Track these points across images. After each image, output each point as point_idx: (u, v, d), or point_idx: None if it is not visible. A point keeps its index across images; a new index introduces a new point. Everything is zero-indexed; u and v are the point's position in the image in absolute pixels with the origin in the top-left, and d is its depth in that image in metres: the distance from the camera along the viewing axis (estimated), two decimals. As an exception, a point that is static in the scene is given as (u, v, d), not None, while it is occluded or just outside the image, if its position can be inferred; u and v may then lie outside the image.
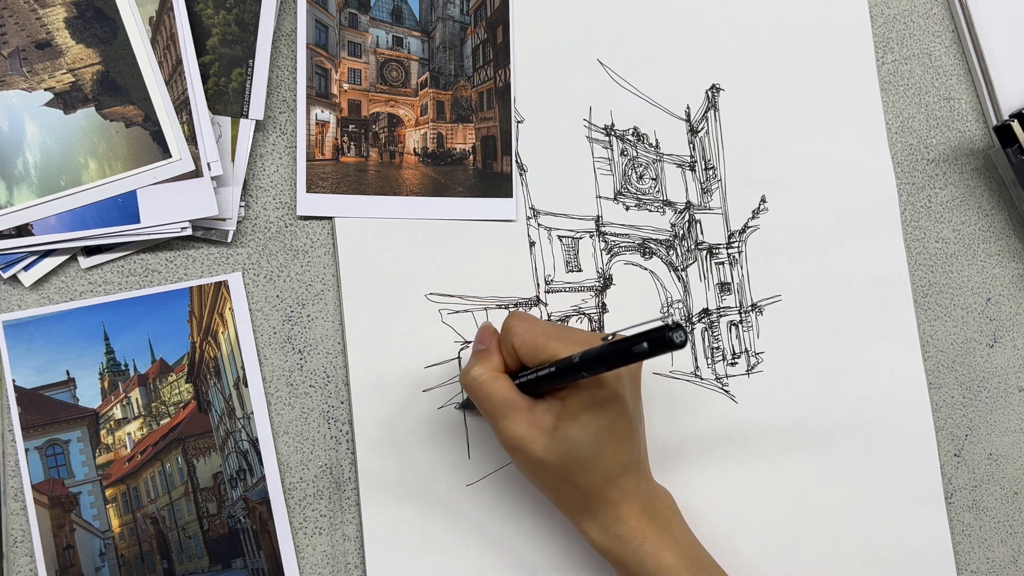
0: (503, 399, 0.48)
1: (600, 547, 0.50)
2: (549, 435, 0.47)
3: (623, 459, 0.48)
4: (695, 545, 0.51)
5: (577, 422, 0.47)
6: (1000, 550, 0.65)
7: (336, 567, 0.54)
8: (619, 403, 0.48)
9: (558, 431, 0.47)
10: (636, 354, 0.41)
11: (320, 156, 0.56)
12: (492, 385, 0.48)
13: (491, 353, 0.50)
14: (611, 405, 0.47)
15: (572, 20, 0.61)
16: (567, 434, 0.47)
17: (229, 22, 0.55)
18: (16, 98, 0.51)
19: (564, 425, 0.47)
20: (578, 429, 0.47)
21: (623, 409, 0.48)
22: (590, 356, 0.44)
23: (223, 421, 0.53)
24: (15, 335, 0.52)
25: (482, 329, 0.51)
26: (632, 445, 0.49)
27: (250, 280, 0.55)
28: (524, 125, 0.59)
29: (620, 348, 0.42)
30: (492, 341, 0.50)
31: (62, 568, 0.51)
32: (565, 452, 0.47)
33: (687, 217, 0.62)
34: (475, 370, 0.49)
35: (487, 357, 0.49)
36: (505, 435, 0.48)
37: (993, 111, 0.67)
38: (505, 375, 0.49)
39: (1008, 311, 0.67)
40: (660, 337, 0.40)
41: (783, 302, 0.62)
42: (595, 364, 0.44)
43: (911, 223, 0.66)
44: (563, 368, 0.46)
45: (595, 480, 0.48)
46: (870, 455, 0.62)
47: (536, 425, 0.47)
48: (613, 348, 0.43)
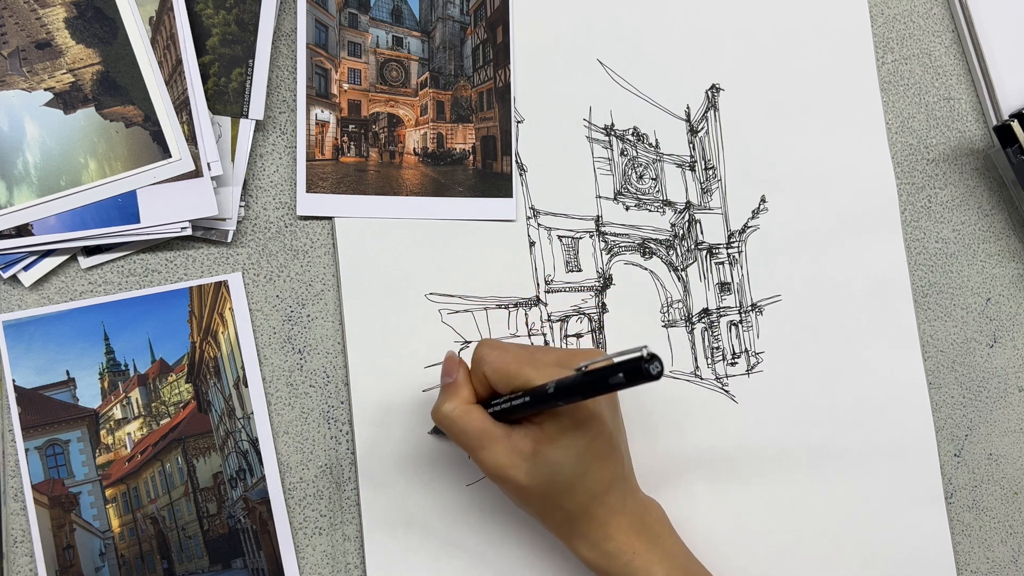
0: (478, 430, 0.47)
1: (592, 565, 0.50)
2: (530, 460, 0.47)
3: (607, 477, 0.48)
4: (686, 556, 0.51)
5: (556, 445, 0.47)
6: (1000, 550, 0.65)
7: (336, 567, 0.54)
8: (597, 422, 0.47)
9: (538, 456, 0.47)
10: (612, 385, 0.41)
11: (320, 156, 0.56)
12: (465, 419, 0.48)
13: (459, 386, 0.49)
14: (589, 425, 0.47)
15: (572, 20, 0.61)
16: (547, 458, 0.47)
17: (229, 22, 0.55)
18: (16, 98, 0.51)
19: (543, 449, 0.47)
20: (558, 452, 0.47)
21: (602, 428, 0.48)
22: (564, 386, 0.44)
23: (223, 421, 0.53)
24: (15, 335, 0.52)
25: (447, 361, 0.50)
26: (615, 462, 0.49)
27: (250, 280, 0.55)
28: (524, 125, 0.59)
29: (595, 379, 0.42)
30: (459, 372, 0.50)
31: (62, 568, 0.51)
32: (547, 476, 0.47)
33: (687, 217, 0.62)
34: (446, 406, 0.48)
35: (455, 391, 0.49)
36: (486, 465, 0.48)
37: (993, 111, 0.67)
38: (477, 406, 0.49)
39: (1008, 311, 0.67)
40: (636, 368, 0.40)
41: (783, 302, 0.62)
42: (570, 394, 0.44)
43: (911, 223, 0.66)
44: (537, 397, 0.45)
45: (580, 500, 0.48)
46: (870, 455, 0.62)
47: (515, 452, 0.47)
48: (588, 378, 0.42)
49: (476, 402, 0.49)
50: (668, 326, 0.60)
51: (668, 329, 0.60)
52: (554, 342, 0.58)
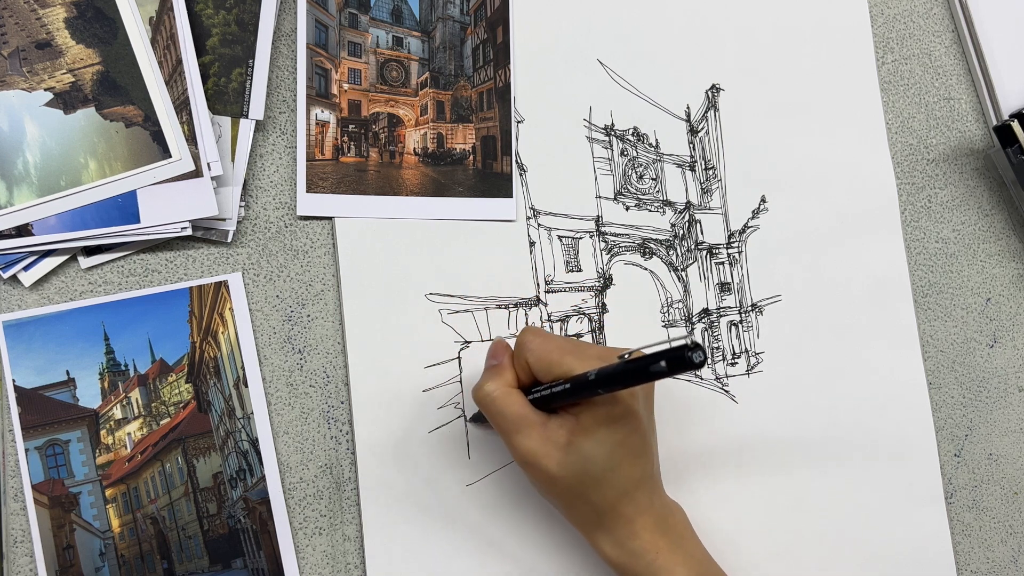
0: (516, 414, 0.48)
1: (613, 562, 0.50)
2: (563, 450, 0.47)
3: (637, 474, 0.48)
4: (708, 560, 0.51)
5: (591, 438, 0.47)
6: (1000, 550, 0.65)
7: (336, 567, 0.54)
8: (634, 419, 0.48)
9: (572, 446, 0.47)
10: (653, 373, 0.41)
11: (320, 156, 0.56)
12: (505, 400, 0.48)
13: (504, 368, 0.49)
14: (625, 421, 0.47)
15: (572, 20, 0.61)
16: (581, 450, 0.47)
17: (229, 22, 0.55)
18: (16, 98, 0.51)
19: (578, 440, 0.47)
20: (592, 445, 0.47)
21: (637, 425, 0.48)
22: (606, 373, 0.44)
23: (223, 421, 0.53)
24: (15, 335, 0.52)
25: (495, 345, 0.51)
26: (646, 460, 0.49)
27: (250, 280, 0.55)
28: (524, 125, 0.59)
29: (637, 367, 0.42)
30: (505, 356, 0.50)
31: (62, 568, 0.51)
32: (579, 467, 0.47)
33: (687, 217, 0.62)
34: (488, 385, 0.49)
35: (499, 373, 0.49)
36: (519, 450, 0.48)
37: (993, 111, 0.67)
38: (518, 391, 0.49)
39: (1008, 311, 0.67)
40: (679, 357, 0.40)
41: (783, 302, 0.62)
42: (611, 382, 0.44)
43: (911, 223, 0.66)
44: (578, 385, 0.46)
45: (609, 495, 0.48)
46: (870, 455, 0.62)
47: (550, 440, 0.47)
48: (630, 366, 0.42)
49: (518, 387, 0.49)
50: (668, 326, 0.60)
51: (668, 329, 0.60)
52: (554, 342, 0.58)
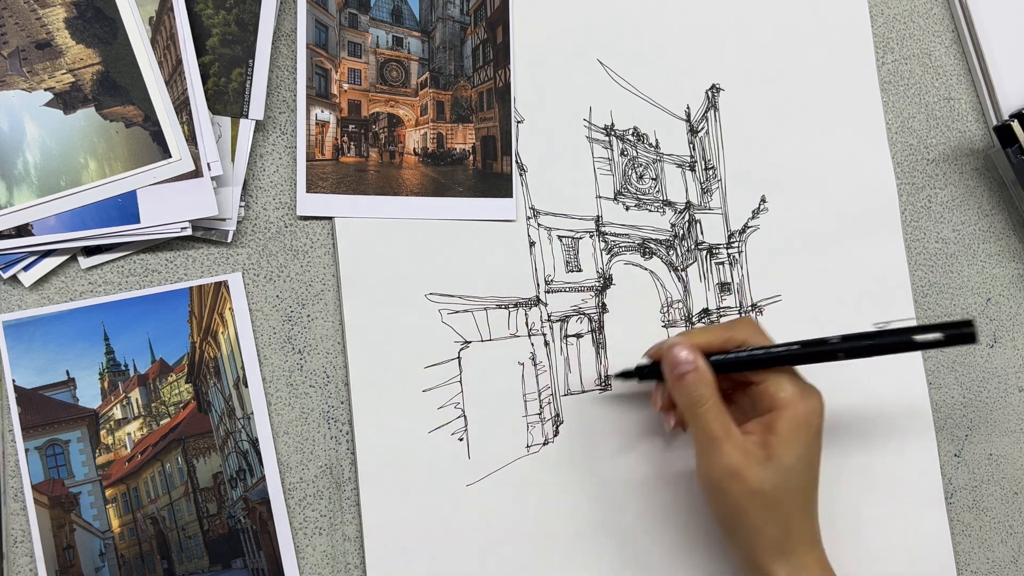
0: (725, 424, 0.48)
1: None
2: (763, 464, 0.47)
3: (816, 498, 0.49)
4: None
5: (792, 450, 0.47)
6: (1000, 550, 0.65)
7: (336, 567, 0.54)
8: (819, 439, 0.48)
9: (773, 459, 0.47)
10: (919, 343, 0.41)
11: (320, 156, 0.56)
12: (716, 409, 0.49)
13: (703, 372, 0.49)
14: (816, 439, 0.48)
15: (572, 20, 0.61)
16: (783, 461, 0.47)
17: (229, 22, 0.55)
18: (16, 98, 0.51)
19: (780, 452, 0.47)
20: (793, 457, 0.47)
21: (820, 446, 0.48)
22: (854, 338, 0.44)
23: (223, 421, 0.53)
24: (15, 335, 0.52)
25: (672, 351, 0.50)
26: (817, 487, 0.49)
27: (250, 280, 0.55)
28: (524, 125, 0.59)
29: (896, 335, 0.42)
30: (698, 359, 0.49)
31: (62, 568, 0.51)
32: (778, 481, 0.47)
33: (687, 217, 0.62)
34: (703, 394, 0.49)
35: (702, 375, 0.49)
36: (727, 458, 0.48)
37: (993, 111, 0.67)
38: (722, 401, 0.49)
39: (1008, 311, 0.67)
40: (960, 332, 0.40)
41: (783, 302, 0.62)
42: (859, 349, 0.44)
43: (911, 223, 0.66)
44: (813, 346, 0.46)
45: (801, 516, 0.48)
46: (870, 455, 0.62)
47: (750, 454, 0.48)
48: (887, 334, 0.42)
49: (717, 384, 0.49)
50: (668, 326, 0.60)
51: (668, 329, 0.60)
52: (554, 342, 0.58)
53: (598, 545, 0.56)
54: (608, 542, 0.57)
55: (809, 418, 0.48)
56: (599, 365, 0.59)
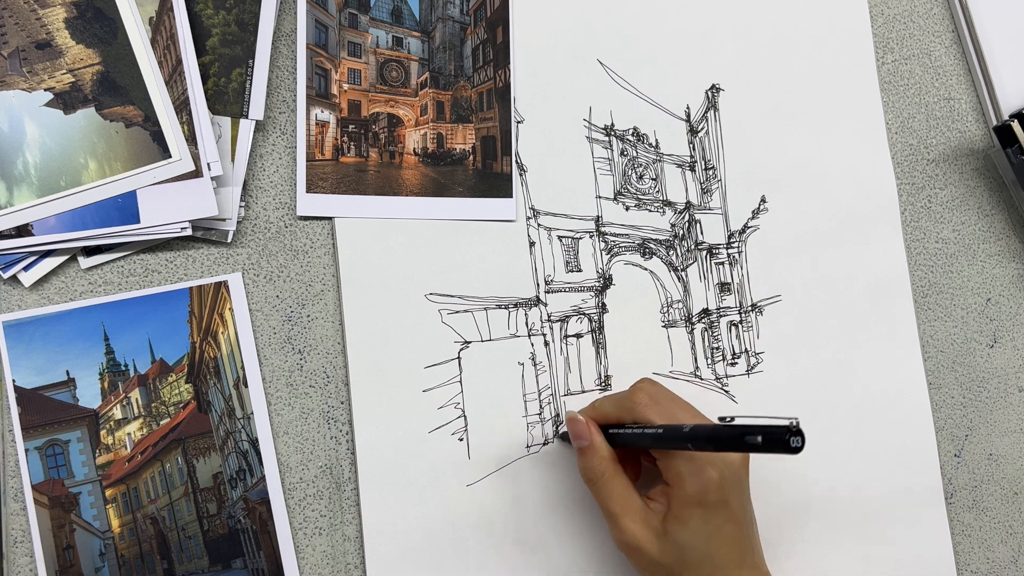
0: (622, 498, 0.49)
1: None
2: (661, 538, 0.48)
3: (735, 561, 0.49)
4: None
5: (686, 528, 0.48)
6: (1000, 550, 0.65)
7: (336, 567, 0.54)
8: (725, 508, 0.48)
9: (668, 535, 0.48)
10: (748, 444, 0.41)
11: (320, 156, 0.56)
12: (611, 484, 0.50)
13: (597, 446, 0.50)
14: (717, 511, 0.48)
15: (572, 20, 0.61)
16: (677, 539, 0.48)
17: (229, 22, 0.55)
18: (16, 98, 0.51)
19: (674, 529, 0.48)
20: (687, 535, 0.47)
21: (730, 515, 0.48)
22: (701, 431, 0.44)
23: (223, 421, 0.53)
24: (15, 335, 0.52)
25: (573, 423, 0.52)
26: (744, 548, 0.49)
27: (250, 280, 0.55)
28: (524, 125, 0.59)
29: (733, 433, 0.42)
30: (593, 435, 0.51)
31: (62, 568, 0.51)
32: (677, 556, 0.48)
33: (687, 217, 0.62)
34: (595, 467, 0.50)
35: (595, 450, 0.50)
36: (623, 534, 0.49)
37: (993, 111, 0.67)
38: (622, 472, 0.50)
39: (1008, 311, 0.67)
40: (779, 438, 0.39)
41: (783, 302, 0.62)
42: (703, 441, 0.44)
43: (911, 223, 0.66)
44: (671, 433, 0.46)
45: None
46: (870, 455, 0.62)
47: (650, 526, 0.48)
48: (725, 431, 0.43)
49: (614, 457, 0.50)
50: (668, 326, 0.60)
51: (668, 329, 0.60)
52: (554, 342, 0.58)
53: (597, 546, 0.56)
54: (608, 542, 0.56)
55: (702, 495, 0.47)
56: (599, 365, 0.59)
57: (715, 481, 0.47)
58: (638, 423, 0.49)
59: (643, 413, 0.49)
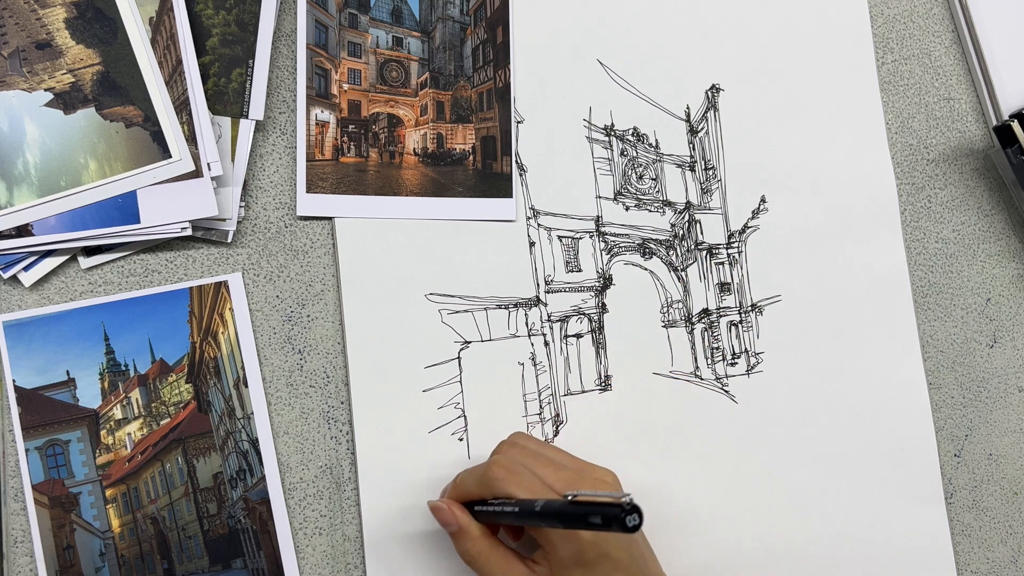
0: (504, 571, 0.48)
1: None
2: None
3: None
4: None
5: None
6: (1000, 550, 0.65)
7: (336, 567, 0.54)
8: (607, 561, 0.47)
9: None
10: (590, 524, 0.41)
11: (320, 156, 0.56)
12: (491, 559, 0.49)
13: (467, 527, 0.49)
14: (598, 566, 0.47)
15: (572, 20, 0.61)
16: None
17: (229, 22, 0.55)
18: (16, 98, 0.51)
19: None
20: None
21: (614, 565, 0.47)
22: (551, 508, 0.44)
23: (223, 421, 0.53)
24: (15, 335, 0.52)
25: (437, 511, 0.51)
26: None
27: (250, 280, 0.55)
28: (524, 125, 0.59)
29: (576, 512, 0.42)
30: (458, 517, 0.50)
31: (62, 568, 0.51)
32: None
33: (687, 217, 0.62)
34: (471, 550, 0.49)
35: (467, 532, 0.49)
36: None
37: (993, 111, 0.67)
38: (497, 543, 0.49)
39: (1008, 311, 0.67)
40: (615, 516, 0.40)
41: (783, 302, 0.62)
42: (552, 518, 0.44)
43: (911, 223, 0.66)
44: (525, 510, 0.46)
45: None
46: (870, 455, 0.62)
47: None
48: (569, 509, 0.42)
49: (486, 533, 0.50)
50: (668, 326, 0.60)
51: (668, 329, 0.60)
52: (554, 342, 0.58)
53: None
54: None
55: (578, 556, 0.47)
56: (599, 365, 0.59)
57: (588, 540, 0.47)
58: (498, 499, 0.48)
59: (501, 488, 0.48)
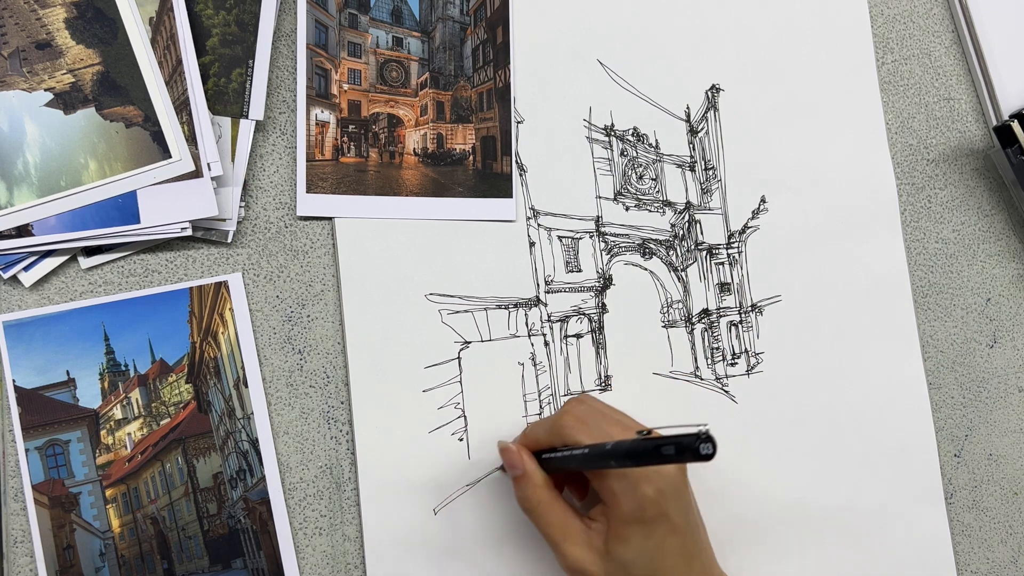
0: (561, 523, 0.49)
1: None
2: (604, 557, 0.48)
3: (681, 571, 0.48)
4: None
5: (628, 546, 0.47)
6: (1000, 550, 0.65)
7: (336, 567, 0.54)
8: (666, 521, 0.47)
9: (611, 555, 0.47)
10: (663, 456, 0.41)
11: (320, 156, 0.56)
12: (550, 512, 0.49)
13: (532, 473, 0.50)
14: (657, 524, 0.47)
15: (572, 20, 0.61)
16: (620, 558, 0.47)
17: (229, 22, 0.55)
18: (16, 98, 0.51)
19: (615, 549, 0.47)
20: (630, 553, 0.47)
21: (672, 527, 0.48)
22: (621, 448, 0.44)
23: (223, 421, 0.53)
24: (15, 335, 0.52)
25: (506, 452, 0.51)
26: (690, 556, 0.49)
27: (250, 280, 0.55)
28: (524, 125, 0.59)
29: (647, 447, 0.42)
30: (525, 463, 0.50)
31: (62, 568, 0.51)
32: (623, 574, 0.47)
33: (687, 217, 0.62)
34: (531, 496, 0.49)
35: (530, 478, 0.50)
36: (567, 558, 0.48)
37: (993, 111, 0.67)
38: (558, 497, 0.50)
39: (1008, 311, 0.67)
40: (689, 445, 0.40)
41: (783, 302, 0.62)
42: (622, 457, 0.44)
43: (911, 223, 0.66)
44: (595, 452, 0.46)
45: None
46: (870, 455, 0.62)
47: (593, 548, 0.48)
48: (641, 445, 0.43)
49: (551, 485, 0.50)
50: (668, 326, 0.60)
51: (668, 329, 0.60)
52: (554, 342, 0.58)
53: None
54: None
55: (638, 512, 0.47)
56: (599, 365, 0.59)
57: (650, 497, 0.47)
58: (567, 446, 0.49)
59: (572, 436, 0.49)
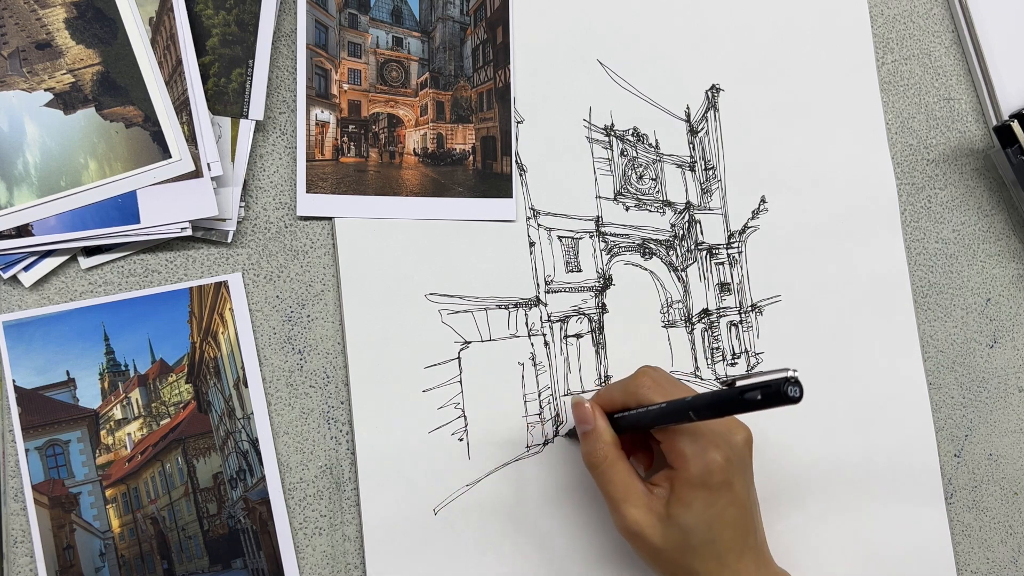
0: (624, 483, 0.49)
1: None
2: (664, 521, 0.48)
3: (738, 545, 0.48)
4: None
5: (689, 510, 0.47)
6: (1000, 550, 0.65)
7: (336, 567, 0.54)
8: (729, 491, 0.48)
9: (671, 519, 0.48)
10: (747, 402, 0.41)
11: (320, 156, 0.56)
12: (613, 470, 0.49)
13: (601, 430, 0.50)
14: (721, 492, 0.47)
15: (572, 20, 0.61)
16: (680, 522, 0.47)
17: (229, 22, 0.55)
18: (16, 98, 0.51)
19: (677, 512, 0.47)
20: (690, 517, 0.47)
21: (734, 497, 0.48)
22: (702, 399, 0.44)
23: (223, 421, 0.53)
24: (15, 335, 0.52)
25: (578, 407, 0.51)
26: (747, 531, 0.49)
27: (250, 280, 0.55)
28: (524, 125, 0.59)
29: (731, 395, 0.42)
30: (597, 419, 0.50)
31: (62, 568, 0.51)
32: (680, 540, 0.47)
33: (687, 217, 0.62)
34: (597, 452, 0.50)
35: (599, 435, 0.50)
36: (626, 519, 0.49)
37: (993, 111, 0.67)
38: (624, 457, 0.50)
39: (1008, 311, 0.67)
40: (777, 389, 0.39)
41: (783, 302, 0.62)
42: (704, 408, 0.44)
43: (911, 223, 0.66)
44: (674, 407, 0.46)
45: (711, 567, 0.48)
46: (870, 455, 0.62)
47: (653, 511, 0.48)
48: (724, 393, 0.42)
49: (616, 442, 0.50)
50: (668, 326, 0.60)
51: (668, 329, 0.60)
52: (554, 342, 0.58)
53: (598, 546, 0.56)
54: (608, 543, 0.57)
55: (705, 476, 0.47)
56: (599, 365, 0.59)
57: (719, 463, 0.47)
58: (642, 406, 0.49)
59: (647, 395, 0.49)
